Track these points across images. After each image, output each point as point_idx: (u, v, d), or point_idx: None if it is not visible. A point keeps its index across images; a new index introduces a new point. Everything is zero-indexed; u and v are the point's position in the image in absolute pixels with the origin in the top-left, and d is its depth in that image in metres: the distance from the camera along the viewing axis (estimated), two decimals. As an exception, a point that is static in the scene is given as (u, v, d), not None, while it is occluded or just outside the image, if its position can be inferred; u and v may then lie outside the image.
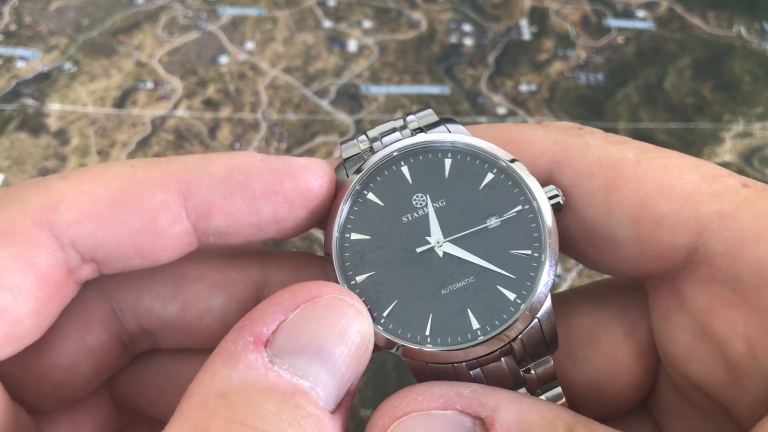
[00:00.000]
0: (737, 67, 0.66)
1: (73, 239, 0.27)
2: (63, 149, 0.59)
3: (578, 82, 0.65)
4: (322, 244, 0.54)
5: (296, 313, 0.26)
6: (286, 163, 0.29)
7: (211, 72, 0.65)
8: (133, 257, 0.29)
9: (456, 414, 0.26)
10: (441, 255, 0.29)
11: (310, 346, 0.26)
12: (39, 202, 0.27)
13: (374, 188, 0.31)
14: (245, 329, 0.26)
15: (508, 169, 0.30)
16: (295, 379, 0.25)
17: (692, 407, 0.30)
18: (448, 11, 0.71)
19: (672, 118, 0.62)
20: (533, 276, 0.29)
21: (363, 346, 0.28)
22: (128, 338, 0.32)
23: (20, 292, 0.26)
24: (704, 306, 0.28)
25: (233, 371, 0.25)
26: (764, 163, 0.59)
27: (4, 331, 0.26)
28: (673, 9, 0.71)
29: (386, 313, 0.29)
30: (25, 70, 0.65)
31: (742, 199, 0.27)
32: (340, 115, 0.62)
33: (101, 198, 0.27)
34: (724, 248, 0.27)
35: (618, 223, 0.29)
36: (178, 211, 0.28)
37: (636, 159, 0.29)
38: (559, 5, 0.72)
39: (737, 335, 0.26)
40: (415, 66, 0.66)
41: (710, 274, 0.27)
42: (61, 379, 0.30)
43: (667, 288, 0.29)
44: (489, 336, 0.28)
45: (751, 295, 0.26)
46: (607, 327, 0.31)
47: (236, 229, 0.29)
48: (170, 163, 0.29)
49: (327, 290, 0.27)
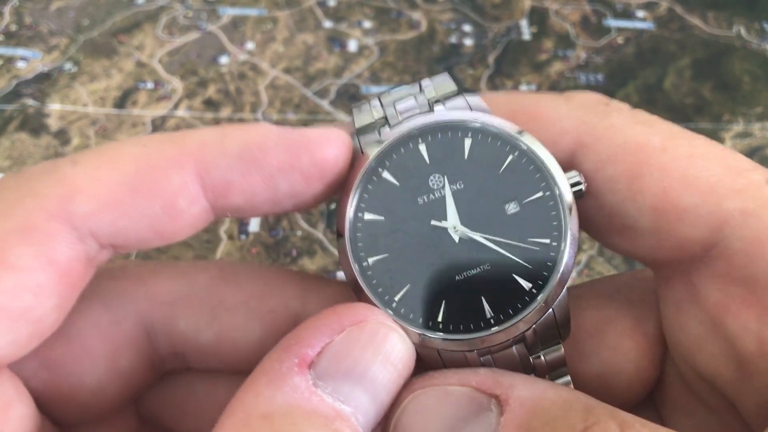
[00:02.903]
0: (737, 68, 0.66)
1: (92, 230, 0.27)
2: (63, 149, 0.59)
3: (578, 83, 0.65)
4: (322, 244, 0.54)
5: (341, 337, 0.26)
6: (302, 135, 0.28)
7: (211, 72, 0.65)
8: (152, 240, 0.28)
9: (471, 391, 0.26)
10: (457, 240, 0.28)
11: (354, 371, 0.26)
12: (55, 194, 0.26)
13: (390, 167, 0.30)
14: (291, 350, 0.26)
15: (529, 152, 0.29)
16: (337, 404, 0.25)
17: (698, 402, 0.30)
18: (448, 11, 0.71)
19: (672, 118, 0.62)
20: (551, 266, 0.28)
21: (404, 372, 0.27)
22: (159, 361, 0.32)
23: (42, 290, 0.25)
24: (717, 302, 0.28)
25: (278, 393, 0.25)
26: (764, 163, 0.59)
27: (27, 330, 0.26)
28: (672, 9, 0.71)
29: (398, 297, 0.28)
30: (25, 70, 0.65)
31: (766, 197, 0.27)
32: (340, 115, 0.62)
33: (118, 185, 0.27)
34: (742, 246, 0.27)
35: (639, 212, 0.28)
36: (196, 191, 0.28)
37: (662, 146, 0.29)
38: (559, 5, 0.72)
39: (749, 333, 0.26)
40: (415, 66, 0.66)
41: (726, 270, 0.27)
42: (89, 399, 0.30)
43: (680, 279, 0.29)
44: (503, 327, 0.28)
45: (766, 295, 0.26)
46: (614, 320, 0.31)
47: (253, 204, 0.29)
48: (185, 140, 0.28)
49: (372, 315, 0.27)
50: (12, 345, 0.25)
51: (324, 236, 0.54)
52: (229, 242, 0.54)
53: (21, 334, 0.25)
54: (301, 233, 0.54)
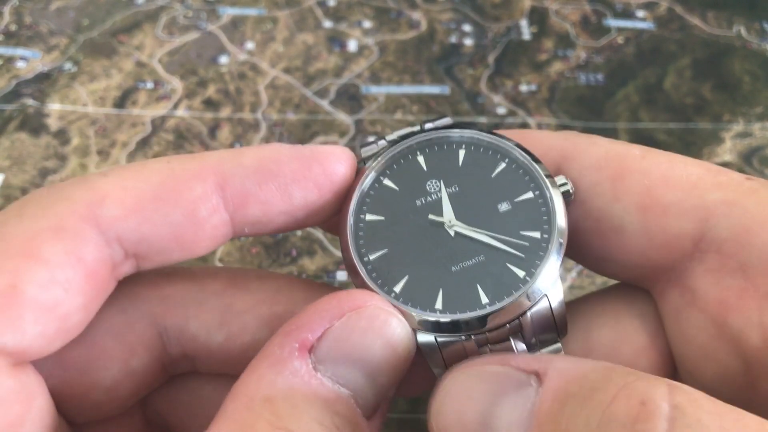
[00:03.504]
0: (737, 67, 0.66)
1: (118, 234, 0.28)
2: (63, 149, 0.59)
3: (578, 82, 0.65)
4: (322, 244, 0.54)
5: (341, 322, 0.27)
6: (312, 150, 0.31)
7: (211, 72, 0.65)
8: (174, 250, 0.29)
9: (510, 369, 0.26)
10: (452, 234, 0.30)
11: (353, 354, 0.27)
12: (85, 199, 0.28)
13: (390, 174, 0.32)
14: (291, 335, 0.27)
15: (520, 159, 0.32)
16: (336, 387, 0.26)
17: None
18: (448, 11, 0.71)
19: (672, 118, 0.62)
20: (542, 255, 0.29)
21: (404, 356, 0.28)
22: (169, 362, 0.33)
23: (71, 287, 0.27)
24: (716, 298, 0.28)
25: (279, 377, 0.26)
26: (764, 163, 0.59)
27: (55, 325, 0.27)
28: (673, 9, 0.71)
29: (398, 288, 0.30)
30: (25, 70, 0.65)
31: (746, 188, 0.28)
32: (340, 115, 0.62)
33: (143, 192, 0.28)
34: (730, 234, 0.27)
35: (625, 212, 0.29)
36: (217, 201, 0.29)
37: (641, 154, 0.30)
38: (559, 5, 0.72)
39: (752, 326, 0.26)
40: (415, 66, 0.66)
41: (719, 262, 0.28)
42: (102, 398, 0.31)
43: (675, 287, 0.29)
44: (497, 307, 0.29)
45: (762, 282, 0.26)
46: (628, 339, 0.31)
47: (270, 216, 0.30)
48: (205, 157, 0.30)
49: (372, 300, 0.28)
50: (40, 338, 0.26)
51: (324, 236, 0.54)
52: (230, 242, 0.54)
53: (49, 327, 0.26)
54: (301, 233, 0.54)
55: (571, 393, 0.24)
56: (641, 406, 0.21)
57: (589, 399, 0.23)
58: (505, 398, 0.25)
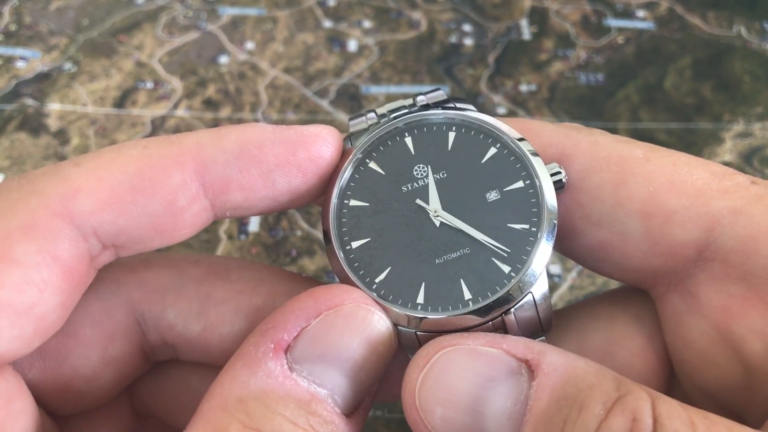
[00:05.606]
0: (737, 67, 0.66)
1: (94, 228, 0.27)
2: (63, 149, 0.59)
3: (578, 82, 0.65)
4: (322, 244, 0.53)
5: (318, 321, 0.27)
6: (297, 132, 0.29)
7: (211, 72, 0.65)
8: (153, 239, 0.28)
9: (502, 353, 0.26)
10: (438, 224, 0.29)
11: (330, 353, 0.26)
12: (57, 193, 0.26)
13: (376, 157, 0.31)
14: (267, 334, 0.26)
15: (511, 144, 0.30)
16: (312, 387, 0.26)
17: None
18: (448, 11, 0.71)
19: (672, 118, 0.62)
20: (529, 250, 0.28)
21: (384, 352, 0.28)
22: (150, 349, 0.32)
23: (46, 287, 0.26)
24: (719, 305, 0.27)
25: (252, 378, 0.25)
26: (764, 163, 0.59)
27: (32, 327, 0.26)
28: (673, 9, 0.71)
29: (379, 279, 0.29)
30: (25, 70, 0.65)
31: (753, 195, 0.27)
32: (340, 115, 0.62)
33: (119, 183, 0.27)
34: (736, 244, 0.27)
35: (627, 218, 0.29)
36: (196, 188, 0.28)
37: (645, 156, 0.29)
38: (559, 5, 0.72)
39: (755, 334, 0.26)
40: (415, 66, 0.66)
41: (723, 271, 0.27)
42: (84, 388, 0.30)
43: (677, 291, 0.29)
44: (480, 305, 0.28)
45: (766, 292, 0.26)
46: (622, 341, 0.31)
47: (252, 201, 0.29)
48: (183, 141, 0.28)
49: (350, 298, 0.27)
50: (17, 341, 0.26)
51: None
52: (229, 242, 0.54)
53: (26, 330, 0.26)
54: (301, 233, 0.54)
55: (566, 395, 0.24)
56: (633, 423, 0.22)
57: (585, 408, 0.23)
58: (497, 384, 0.25)
